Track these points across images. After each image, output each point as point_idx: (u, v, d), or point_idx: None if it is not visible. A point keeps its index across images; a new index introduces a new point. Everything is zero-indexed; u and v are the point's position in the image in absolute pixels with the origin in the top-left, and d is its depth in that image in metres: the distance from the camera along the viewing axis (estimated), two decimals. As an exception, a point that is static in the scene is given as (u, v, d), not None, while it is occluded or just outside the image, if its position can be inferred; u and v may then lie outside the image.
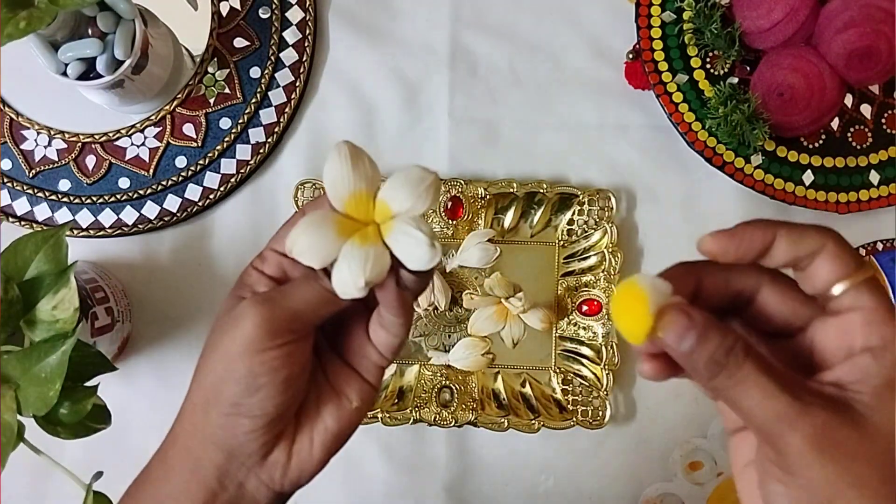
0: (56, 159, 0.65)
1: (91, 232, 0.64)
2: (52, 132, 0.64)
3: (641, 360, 0.32)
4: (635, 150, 0.66)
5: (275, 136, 0.65)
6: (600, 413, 0.63)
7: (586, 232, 0.64)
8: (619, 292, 0.30)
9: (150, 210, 0.65)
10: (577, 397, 0.63)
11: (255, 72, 0.65)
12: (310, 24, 0.66)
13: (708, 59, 0.63)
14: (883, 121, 0.64)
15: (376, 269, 0.32)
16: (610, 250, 0.63)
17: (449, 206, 0.64)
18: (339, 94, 0.66)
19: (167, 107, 0.65)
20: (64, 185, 0.65)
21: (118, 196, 0.64)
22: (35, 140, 0.65)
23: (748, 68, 0.63)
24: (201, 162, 0.65)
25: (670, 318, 0.30)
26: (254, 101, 0.65)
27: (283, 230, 0.36)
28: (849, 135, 0.64)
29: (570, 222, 0.64)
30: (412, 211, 0.32)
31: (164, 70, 0.64)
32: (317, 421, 0.36)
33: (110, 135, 0.65)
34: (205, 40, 0.65)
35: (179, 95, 0.65)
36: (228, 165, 0.65)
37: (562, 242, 0.64)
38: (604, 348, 0.63)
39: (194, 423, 0.34)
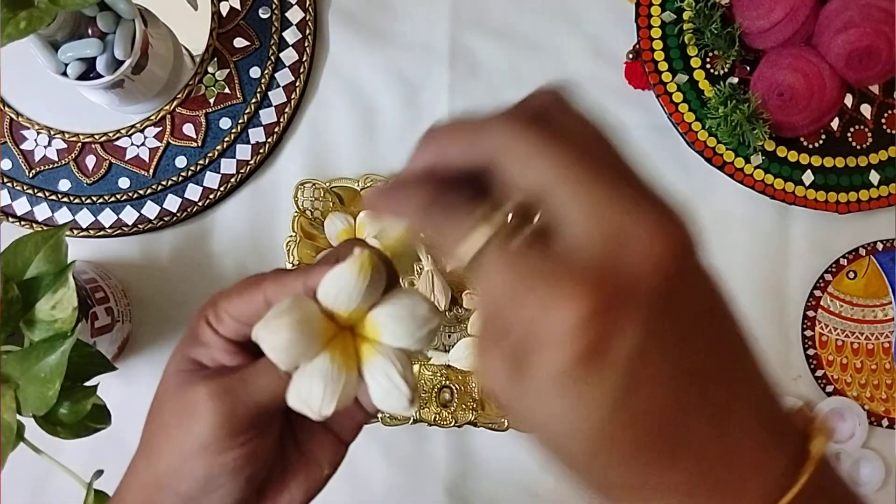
0: (56, 159, 0.65)
1: (91, 232, 0.64)
2: (52, 132, 0.64)
3: None
4: (635, 150, 0.66)
5: (275, 136, 0.65)
6: (600, 413, 0.62)
7: (586, 232, 0.64)
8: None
9: (150, 210, 0.65)
10: (576, 397, 0.63)
11: (255, 72, 0.65)
12: (310, 24, 0.66)
13: (708, 59, 0.63)
14: (883, 121, 0.64)
15: (345, 398, 0.29)
16: (610, 250, 0.63)
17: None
18: (339, 94, 0.66)
19: (167, 107, 0.65)
20: (64, 185, 0.65)
21: (118, 196, 0.64)
22: (35, 140, 0.65)
23: (748, 68, 0.63)
24: (201, 162, 0.65)
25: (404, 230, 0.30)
26: (254, 101, 0.65)
27: (238, 293, 0.31)
28: (849, 135, 0.64)
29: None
30: (401, 349, 0.30)
31: (164, 70, 0.64)
32: (282, 492, 0.33)
33: (110, 135, 0.65)
34: (205, 40, 0.65)
35: (179, 95, 0.65)
36: (228, 165, 0.65)
37: (562, 242, 0.64)
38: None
39: (144, 501, 0.31)
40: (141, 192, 0.65)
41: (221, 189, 0.65)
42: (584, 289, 0.22)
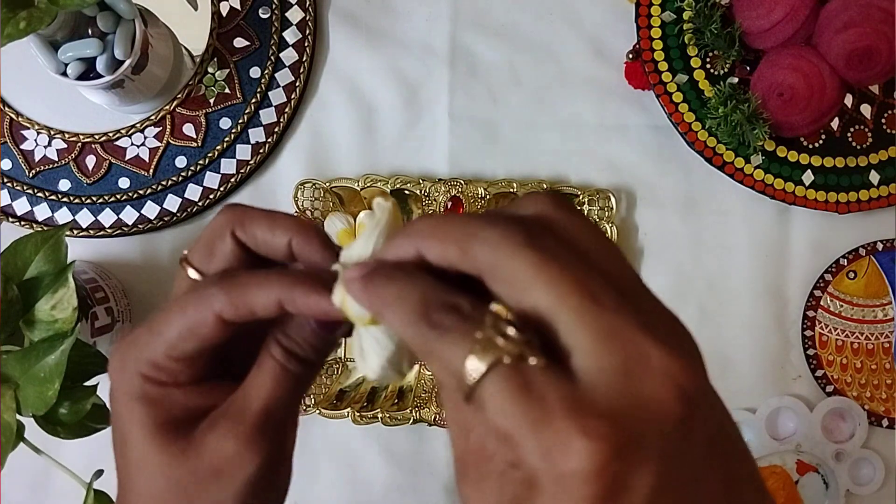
0: (56, 159, 0.65)
1: (91, 232, 0.64)
2: (52, 132, 0.64)
3: None
4: (635, 150, 0.66)
5: (275, 136, 0.65)
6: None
7: (586, 232, 0.64)
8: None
9: (150, 210, 0.65)
10: (576, 397, 0.63)
11: (255, 72, 0.65)
12: (310, 24, 0.66)
13: (708, 59, 0.63)
14: (883, 121, 0.64)
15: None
16: (610, 250, 0.63)
17: (449, 206, 0.64)
18: (339, 94, 0.66)
19: (167, 107, 0.65)
20: (64, 185, 0.65)
21: (118, 196, 0.64)
22: (35, 140, 0.65)
23: (748, 68, 0.63)
24: (201, 162, 0.65)
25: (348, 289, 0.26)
26: (254, 101, 0.65)
27: (268, 220, 0.30)
28: (849, 135, 0.64)
29: (570, 222, 0.64)
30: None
31: (164, 70, 0.64)
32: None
33: (110, 135, 0.65)
34: (205, 40, 0.65)
35: (179, 95, 0.65)
36: (228, 165, 0.65)
37: (562, 242, 0.64)
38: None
39: None
40: (141, 192, 0.65)
41: (221, 189, 0.65)
42: (604, 427, 0.21)
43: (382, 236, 0.29)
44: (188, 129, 0.65)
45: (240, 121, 0.65)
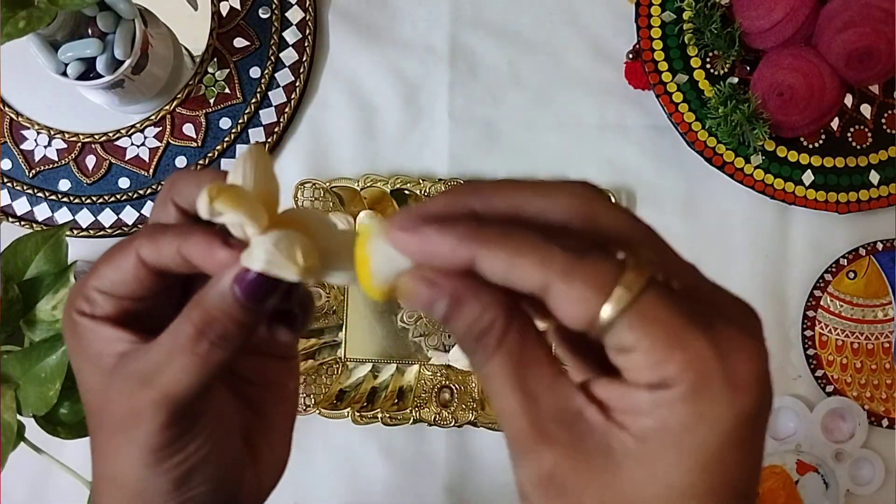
0: (56, 159, 0.65)
1: (91, 232, 0.64)
2: (52, 132, 0.64)
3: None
4: (635, 150, 0.66)
5: (275, 136, 0.65)
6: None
7: (586, 232, 0.64)
8: (358, 242, 0.25)
9: (151, 210, 0.65)
10: (577, 397, 0.63)
11: (255, 72, 0.65)
12: (310, 24, 0.66)
13: (708, 59, 0.63)
14: (883, 121, 0.64)
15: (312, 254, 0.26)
16: (610, 250, 0.63)
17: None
18: (339, 94, 0.66)
19: (167, 107, 0.65)
20: (64, 185, 0.65)
21: (118, 196, 0.64)
22: (35, 140, 0.65)
23: (748, 68, 0.63)
24: (201, 162, 0.65)
25: (407, 288, 0.24)
26: (254, 101, 0.65)
27: (106, 262, 0.28)
28: (849, 135, 0.64)
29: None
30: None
31: (164, 70, 0.64)
32: (270, 432, 0.32)
33: (110, 135, 0.65)
34: (205, 40, 0.65)
35: (179, 95, 0.65)
36: (228, 165, 0.65)
37: (562, 242, 0.64)
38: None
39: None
40: (141, 192, 0.65)
41: (221, 189, 0.65)
42: (761, 343, 0.23)
43: (252, 169, 0.28)
44: (188, 129, 0.65)
45: (240, 121, 0.65)
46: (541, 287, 0.22)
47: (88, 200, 0.64)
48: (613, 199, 0.64)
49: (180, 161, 0.65)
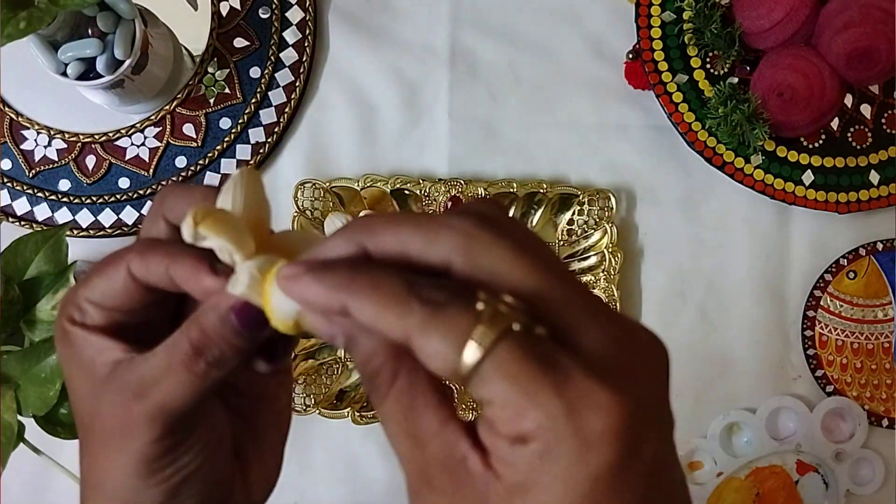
0: (56, 159, 0.65)
1: (91, 232, 0.64)
2: (52, 132, 0.64)
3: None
4: (635, 150, 0.66)
5: (275, 136, 0.65)
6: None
7: (586, 232, 0.64)
8: (263, 279, 0.26)
9: (150, 210, 0.65)
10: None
11: (255, 72, 0.65)
12: (310, 24, 0.66)
13: (708, 59, 0.63)
14: (883, 121, 0.64)
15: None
16: (610, 250, 0.63)
17: (449, 206, 0.64)
18: (339, 94, 0.66)
19: (167, 107, 0.65)
20: (64, 185, 0.65)
21: (118, 196, 0.64)
22: (35, 140, 0.65)
23: (748, 68, 0.63)
24: (201, 162, 0.65)
25: (308, 323, 0.25)
26: (254, 101, 0.65)
27: (97, 274, 0.29)
28: (849, 135, 0.64)
29: (570, 222, 0.64)
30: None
31: (164, 70, 0.64)
32: (261, 445, 0.32)
33: (110, 135, 0.65)
34: (205, 40, 0.65)
35: (179, 95, 0.65)
36: (228, 165, 0.65)
37: (562, 242, 0.64)
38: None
39: None
40: (141, 192, 0.65)
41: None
42: (627, 385, 0.22)
43: (242, 193, 0.27)
44: (188, 129, 0.65)
45: (240, 121, 0.65)
46: (403, 339, 0.22)
47: (88, 200, 0.64)
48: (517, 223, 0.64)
49: (180, 161, 0.65)
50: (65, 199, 0.64)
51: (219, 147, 0.65)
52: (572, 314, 0.23)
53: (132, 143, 0.65)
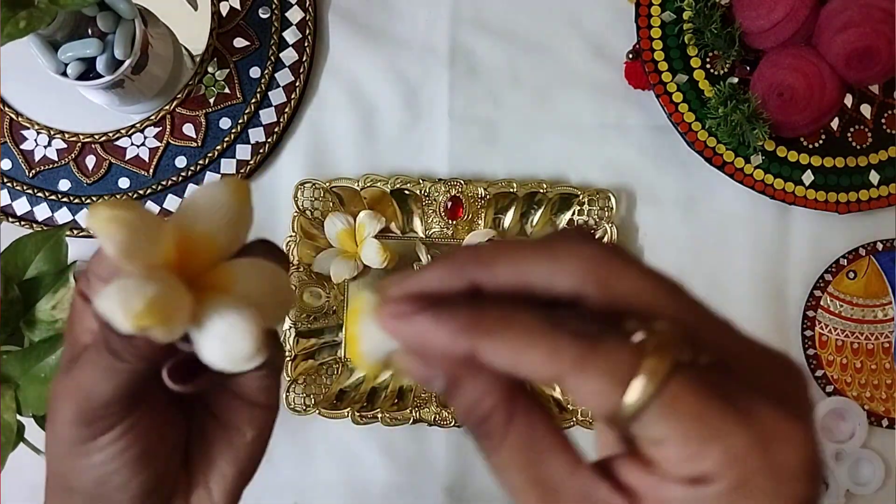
0: (56, 159, 0.65)
1: (91, 232, 0.64)
2: (52, 132, 0.64)
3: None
4: (635, 150, 0.66)
5: (275, 136, 0.65)
6: (600, 413, 0.62)
7: (586, 232, 0.64)
8: (349, 318, 0.25)
9: (150, 210, 0.65)
10: (577, 397, 0.63)
11: (255, 72, 0.65)
12: (310, 24, 0.66)
13: (708, 59, 0.63)
14: (883, 121, 0.64)
15: (163, 309, 0.23)
16: (610, 250, 0.63)
17: (449, 206, 0.64)
18: (339, 94, 0.66)
19: (167, 107, 0.65)
20: (64, 185, 0.65)
21: (118, 196, 0.64)
22: (35, 140, 0.65)
23: (748, 68, 0.63)
24: (201, 162, 0.65)
25: (402, 365, 0.23)
26: (254, 101, 0.65)
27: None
28: (849, 135, 0.64)
29: (570, 222, 0.64)
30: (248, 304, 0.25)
31: (164, 70, 0.64)
32: (210, 470, 0.30)
33: (110, 135, 0.65)
34: (205, 40, 0.65)
35: (179, 95, 0.65)
36: (228, 165, 0.65)
37: (562, 242, 0.64)
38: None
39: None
40: (141, 192, 0.65)
41: (221, 189, 0.65)
42: (806, 424, 0.21)
43: (202, 202, 0.25)
44: (188, 129, 0.65)
45: (240, 121, 0.65)
46: (553, 379, 0.20)
47: (88, 200, 0.64)
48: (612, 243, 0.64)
49: (180, 161, 0.65)
50: (65, 199, 0.64)
51: (219, 147, 0.65)
52: (723, 339, 0.22)
53: (132, 143, 0.65)
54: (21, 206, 0.64)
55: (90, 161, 0.65)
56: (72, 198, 0.64)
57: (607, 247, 0.22)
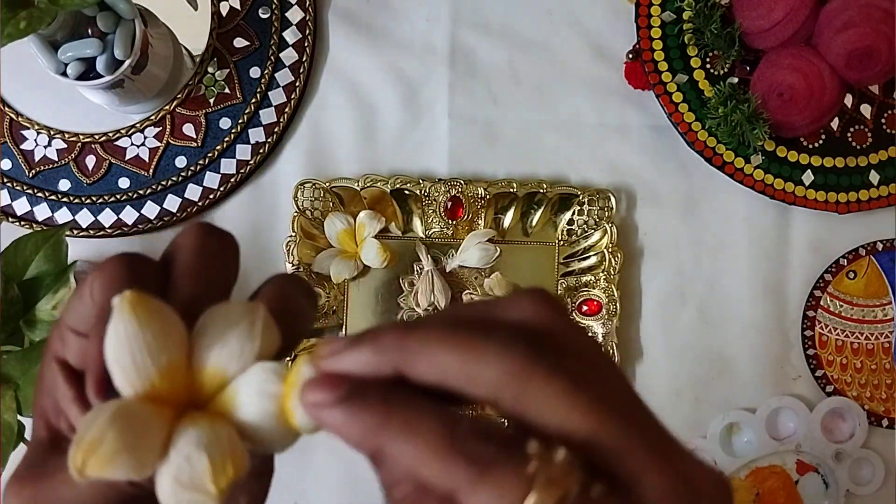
0: (56, 159, 0.65)
1: (91, 232, 0.64)
2: (52, 132, 0.64)
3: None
4: (635, 150, 0.66)
5: (275, 136, 0.65)
6: (600, 413, 0.62)
7: (586, 232, 0.64)
8: (284, 391, 0.23)
9: (150, 210, 0.65)
10: (577, 397, 0.63)
11: (255, 72, 0.65)
12: (310, 24, 0.66)
13: (708, 59, 0.63)
14: (883, 121, 0.64)
15: (238, 457, 0.22)
16: (610, 250, 0.63)
17: (449, 206, 0.64)
18: (339, 94, 0.66)
19: (167, 107, 0.65)
20: (64, 185, 0.65)
21: (118, 196, 0.64)
22: (35, 140, 0.65)
23: (748, 68, 0.63)
24: (201, 162, 0.65)
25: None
26: (254, 101, 0.65)
27: (75, 294, 0.26)
28: (849, 135, 0.64)
29: (570, 222, 0.64)
30: (251, 360, 0.23)
31: (164, 70, 0.64)
32: None
33: (110, 135, 0.65)
34: (205, 40, 0.65)
35: (179, 95, 0.65)
36: (228, 165, 0.65)
37: (562, 242, 0.65)
38: (603, 348, 0.63)
39: None
40: (141, 192, 0.65)
41: (221, 189, 0.65)
42: None
43: (257, 342, 0.23)
44: (188, 129, 0.65)
45: (240, 121, 0.65)
46: (448, 492, 0.21)
47: (88, 200, 0.64)
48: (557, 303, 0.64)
49: (180, 161, 0.65)
50: (65, 199, 0.64)
51: (219, 147, 0.65)
52: (633, 461, 0.21)
53: (132, 143, 0.65)
54: (21, 206, 0.64)
55: (90, 161, 0.65)
56: (72, 198, 0.64)
57: (534, 349, 0.22)
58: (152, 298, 0.22)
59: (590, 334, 0.24)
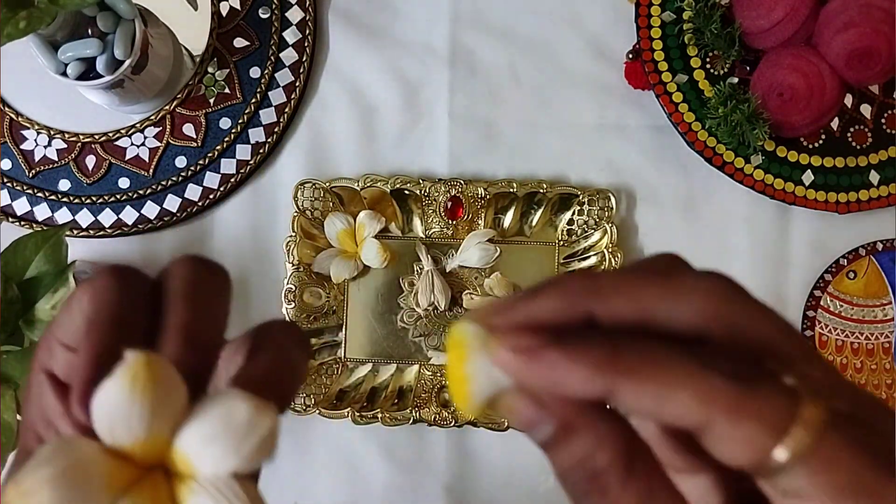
0: (56, 159, 0.65)
1: (91, 232, 0.65)
2: (52, 132, 0.64)
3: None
4: (635, 150, 0.66)
5: (275, 136, 0.65)
6: (600, 413, 0.62)
7: (586, 232, 0.64)
8: (453, 358, 0.21)
9: (150, 210, 0.65)
10: (576, 397, 0.63)
11: (255, 72, 0.65)
12: (310, 24, 0.66)
13: (708, 59, 0.63)
14: (883, 121, 0.64)
15: None
16: (610, 250, 0.63)
17: (449, 206, 0.64)
18: (339, 94, 0.66)
19: (167, 107, 0.65)
20: (64, 185, 0.65)
21: (118, 196, 0.64)
22: (35, 140, 0.65)
23: (748, 68, 0.63)
24: (201, 162, 0.65)
25: (509, 406, 0.20)
26: (254, 101, 0.65)
27: (64, 307, 0.24)
28: (849, 135, 0.64)
29: (570, 222, 0.64)
30: (227, 472, 0.21)
31: (164, 70, 0.64)
32: None
33: (110, 135, 0.65)
34: (205, 40, 0.65)
35: (179, 95, 0.65)
36: (228, 165, 0.65)
37: (562, 242, 0.65)
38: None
39: None
40: (141, 192, 0.65)
41: (221, 189, 0.65)
42: None
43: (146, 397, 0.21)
44: (188, 129, 0.65)
45: (240, 121, 0.65)
46: (698, 425, 0.18)
47: (88, 200, 0.64)
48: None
49: (180, 161, 0.65)
50: (65, 199, 0.64)
51: (219, 147, 0.65)
52: (852, 392, 0.20)
53: (132, 143, 0.65)
54: (21, 206, 0.65)
55: (90, 161, 0.65)
56: (72, 198, 0.64)
57: (731, 285, 0.20)
58: (167, 364, 0.21)
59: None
